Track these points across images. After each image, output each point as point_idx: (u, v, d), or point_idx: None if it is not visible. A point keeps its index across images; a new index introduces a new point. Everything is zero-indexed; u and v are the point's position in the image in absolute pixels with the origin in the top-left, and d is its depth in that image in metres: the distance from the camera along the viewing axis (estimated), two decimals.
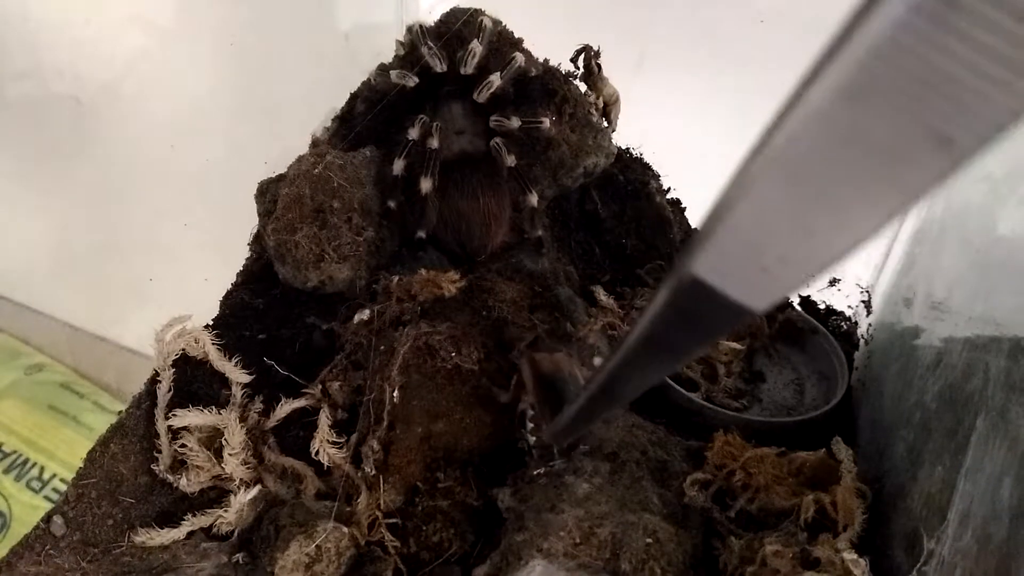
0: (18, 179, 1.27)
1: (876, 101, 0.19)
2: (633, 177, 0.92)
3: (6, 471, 1.52)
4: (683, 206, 0.96)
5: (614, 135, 0.91)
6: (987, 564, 0.43)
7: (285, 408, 0.69)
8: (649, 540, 0.59)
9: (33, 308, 1.63)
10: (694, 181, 0.97)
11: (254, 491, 0.63)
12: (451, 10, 0.85)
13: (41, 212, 1.36)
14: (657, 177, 0.94)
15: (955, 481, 0.49)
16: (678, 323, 0.29)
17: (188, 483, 0.65)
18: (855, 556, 0.55)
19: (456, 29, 0.81)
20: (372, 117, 0.82)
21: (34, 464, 1.53)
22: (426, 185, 0.76)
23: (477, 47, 0.79)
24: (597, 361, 0.73)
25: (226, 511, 0.62)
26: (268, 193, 0.77)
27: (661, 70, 1.09)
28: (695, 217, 0.96)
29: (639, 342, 0.32)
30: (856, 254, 0.23)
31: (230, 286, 0.79)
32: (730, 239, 0.24)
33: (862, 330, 0.87)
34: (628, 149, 0.94)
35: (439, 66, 0.80)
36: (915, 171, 0.20)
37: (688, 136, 1.04)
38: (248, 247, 0.81)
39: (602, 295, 0.82)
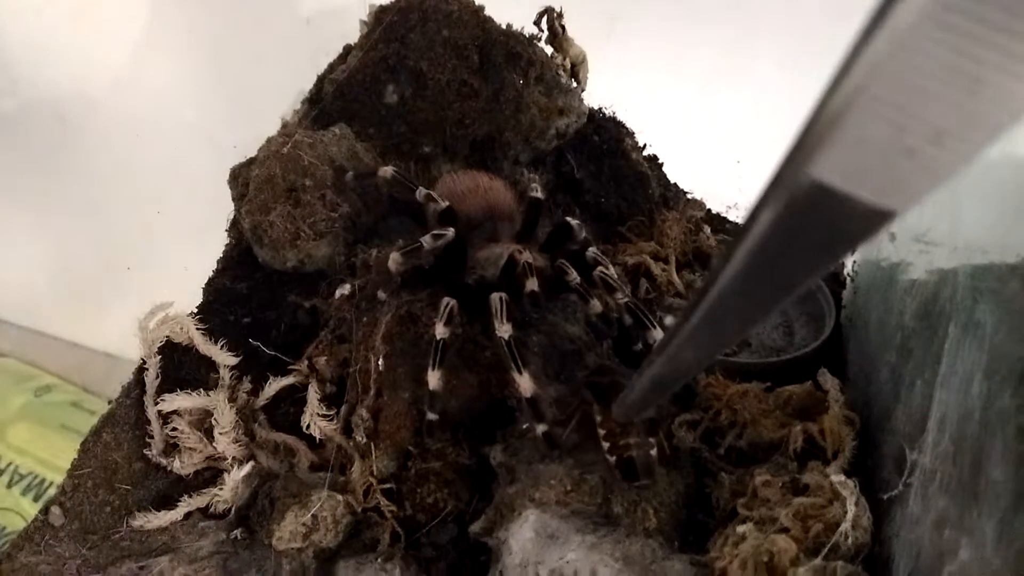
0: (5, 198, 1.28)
1: None
2: (608, 136, 0.92)
3: (24, 492, 1.53)
4: (660, 161, 0.96)
5: (585, 95, 0.91)
6: (963, 463, 0.43)
7: (274, 386, 0.70)
8: None
9: (37, 330, 1.65)
10: (670, 136, 0.97)
11: (247, 467, 0.64)
12: None
13: (32, 231, 1.37)
14: (632, 135, 0.94)
15: (933, 391, 0.49)
16: (792, 246, 0.23)
17: (182, 465, 0.65)
18: (843, 478, 0.55)
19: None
20: (340, 96, 0.82)
21: (50, 484, 1.54)
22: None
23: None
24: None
25: (221, 489, 0.63)
26: (240, 177, 0.78)
27: (633, 28, 1.08)
28: (673, 172, 0.95)
29: (734, 281, 0.26)
30: None
31: (212, 273, 0.79)
32: (863, 122, 0.19)
33: (848, 268, 0.87)
34: (600, 109, 0.94)
35: None
36: None
37: (661, 92, 1.03)
38: (226, 233, 0.81)
39: None
